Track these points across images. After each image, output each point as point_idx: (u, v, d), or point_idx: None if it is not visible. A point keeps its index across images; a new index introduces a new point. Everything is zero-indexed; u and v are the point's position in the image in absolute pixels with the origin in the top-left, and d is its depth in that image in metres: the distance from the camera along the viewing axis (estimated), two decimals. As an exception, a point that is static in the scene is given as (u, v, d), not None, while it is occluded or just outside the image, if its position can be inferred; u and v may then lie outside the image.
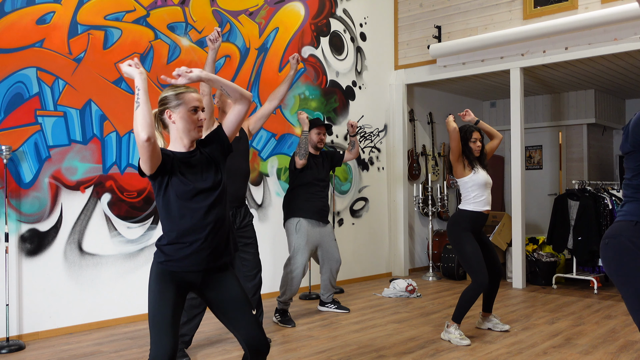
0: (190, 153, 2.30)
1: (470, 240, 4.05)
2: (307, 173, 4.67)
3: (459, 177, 4.19)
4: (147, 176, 2.20)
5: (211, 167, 2.30)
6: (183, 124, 2.27)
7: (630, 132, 2.11)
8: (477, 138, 4.18)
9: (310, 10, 6.24)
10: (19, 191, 4.11)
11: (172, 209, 2.22)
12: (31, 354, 3.81)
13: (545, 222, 7.81)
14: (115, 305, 4.61)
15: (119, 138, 4.66)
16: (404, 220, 7.15)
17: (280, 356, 3.69)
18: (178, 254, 2.22)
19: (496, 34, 6.17)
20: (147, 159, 2.10)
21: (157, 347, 2.14)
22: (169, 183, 2.21)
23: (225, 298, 2.28)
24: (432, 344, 4.00)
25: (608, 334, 4.23)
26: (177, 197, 2.21)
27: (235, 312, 2.27)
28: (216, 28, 3.51)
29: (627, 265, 2.12)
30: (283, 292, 4.57)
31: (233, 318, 2.28)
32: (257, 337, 2.28)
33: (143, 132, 2.04)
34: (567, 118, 8.50)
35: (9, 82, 4.09)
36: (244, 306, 2.29)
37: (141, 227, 4.77)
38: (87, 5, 4.48)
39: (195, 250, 2.22)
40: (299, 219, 4.64)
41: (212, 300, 2.30)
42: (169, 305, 2.18)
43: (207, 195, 2.25)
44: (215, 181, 2.28)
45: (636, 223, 2.11)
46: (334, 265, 4.83)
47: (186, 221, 2.21)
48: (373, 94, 7.02)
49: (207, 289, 2.29)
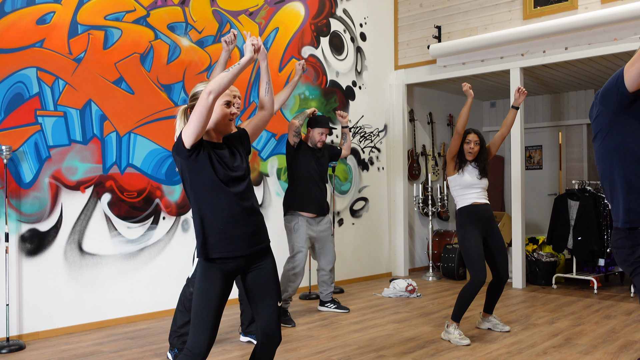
0: (219, 145, 2.40)
1: (473, 235, 4.04)
2: (307, 166, 4.69)
3: (449, 175, 4.24)
4: (186, 153, 2.24)
5: (239, 159, 2.42)
6: (216, 116, 2.35)
7: (603, 86, 2.08)
8: (471, 140, 4.17)
9: (310, 10, 6.24)
10: (19, 191, 4.11)
11: (207, 193, 2.29)
12: (31, 354, 3.81)
13: (545, 222, 7.81)
14: (115, 305, 4.61)
15: (119, 138, 4.66)
16: (404, 220, 7.15)
17: (280, 356, 3.69)
18: (223, 241, 2.30)
19: (496, 34, 6.17)
20: (200, 119, 2.16)
21: (198, 340, 2.26)
22: (201, 165, 2.27)
23: (259, 283, 2.40)
24: (432, 344, 4.00)
25: (608, 334, 4.23)
26: (213, 181, 2.28)
27: (264, 297, 2.40)
28: (233, 31, 3.53)
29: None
30: (284, 289, 4.58)
31: (259, 303, 2.39)
32: (274, 326, 2.40)
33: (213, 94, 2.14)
34: (567, 118, 8.50)
35: (9, 82, 4.09)
36: (273, 294, 2.41)
37: (141, 227, 4.77)
38: (87, 5, 4.48)
39: (240, 233, 2.32)
40: (297, 219, 4.66)
41: (248, 283, 2.42)
42: (214, 299, 2.27)
43: (240, 183, 2.36)
44: (245, 171, 2.40)
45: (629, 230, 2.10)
46: (329, 259, 4.85)
47: (222, 206, 2.29)
48: (373, 94, 7.03)
49: (250, 271, 2.40)
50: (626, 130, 2.05)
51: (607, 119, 2.09)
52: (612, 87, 2.03)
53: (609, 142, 2.10)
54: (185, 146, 2.23)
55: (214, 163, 2.29)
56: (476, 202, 4.14)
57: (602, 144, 2.12)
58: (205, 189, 2.29)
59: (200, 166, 2.27)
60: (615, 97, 2.02)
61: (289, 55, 5.99)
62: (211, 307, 2.27)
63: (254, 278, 2.40)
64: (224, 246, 2.30)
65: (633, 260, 2.10)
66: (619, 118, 2.05)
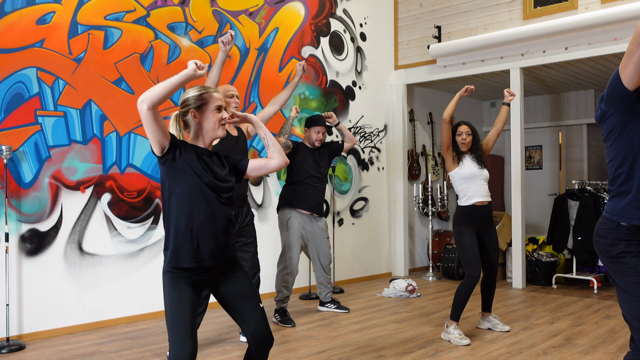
0: (209, 152, 2.39)
1: (469, 233, 4.10)
2: (305, 167, 4.68)
3: (448, 170, 4.26)
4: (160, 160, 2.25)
5: (225, 170, 2.42)
6: (207, 122, 2.35)
7: (606, 89, 2.10)
8: (463, 131, 4.20)
9: (310, 10, 6.24)
10: (19, 191, 4.11)
11: (185, 199, 2.27)
12: (31, 354, 3.81)
13: (545, 222, 7.81)
14: (115, 305, 4.61)
15: (119, 138, 4.66)
16: (404, 220, 7.15)
17: (280, 356, 3.69)
18: (191, 250, 2.27)
19: (496, 34, 6.17)
20: (149, 125, 2.16)
21: (180, 349, 2.21)
22: (180, 168, 2.26)
23: (236, 290, 2.39)
24: (432, 344, 4.00)
25: (608, 334, 4.23)
26: (195, 187, 2.27)
27: (244, 304, 2.38)
28: (230, 31, 3.52)
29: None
30: (278, 290, 4.57)
31: (242, 310, 2.39)
32: (264, 327, 2.40)
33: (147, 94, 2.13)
34: (567, 118, 8.50)
35: (9, 82, 4.09)
36: (252, 298, 2.41)
37: (141, 227, 4.77)
38: (87, 5, 4.48)
39: (208, 245, 2.29)
40: (290, 215, 4.64)
41: (223, 294, 2.40)
42: (187, 306, 2.25)
43: (220, 193, 2.34)
44: (229, 184, 2.39)
45: (617, 225, 2.11)
46: (325, 261, 4.80)
47: (199, 214, 2.27)
48: (373, 94, 7.03)
49: (219, 283, 2.38)
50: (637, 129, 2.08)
51: (617, 119, 2.11)
52: (613, 89, 2.05)
53: (622, 141, 2.11)
54: (156, 154, 2.24)
55: (198, 168, 2.28)
56: (478, 202, 4.15)
57: (615, 143, 2.14)
58: (184, 195, 2.27)
59: (181, 172, 2.26)
60: (619, 98, 2.04)
61: (289, 55, 5.99)
62: (186, 316, 2.23)
63: (229, 289, 2.38)
64: (195, 256, 2.27)
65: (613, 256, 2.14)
66: (629, 117, 2.07)
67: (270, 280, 5.55)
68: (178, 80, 2.16)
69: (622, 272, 2.11)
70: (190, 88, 2.42)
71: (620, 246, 2.11)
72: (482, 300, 4.37)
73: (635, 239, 2.09)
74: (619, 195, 2.13)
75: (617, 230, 2.11)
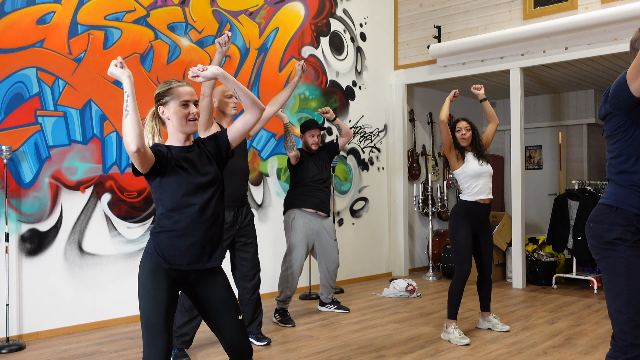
0: (187, 148, 2.30)
1: (464, 229, 4.12)
2: (308, 172, 4.68)
3: (453, 169, 4.28)
4: (142, 175, 2.20)
5: (210, 163, 2.31)
6: (175, 118, 2.27)
7: (611, 91, 2.13)
8: (462, 127, 4.24)
9: (310, 10, 6.24)
10: (19, 191, 4.11)
11: (169, 203, 2.21)
12: (31, 354, 3.81)
13: (545, 222, 7.81)
14: (115, 305, 4.61)
15: (119, 138, 4.66)
16: (404, 220, 7.15)
17: (280, 356, 3.70)
18: (173, 249, 2.20)
19: (496, 34, 6.17)
20: (139, 165, 2.12)
21: (152, 350, 2.13)
22: (165, 179, 2.21)
23: (215, 300, 2.27)
24: (432, 344, 4.00)
25: (608, 334, 4.22)
26: (174, 192, 2.20)
27: (222, 314, 2.27)
28: (227, 32, 3.51)
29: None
30: (281, 290, 4.57)
31: (219, 320, 2.28)
32: (241, 340, 2.28)
33: (132, 144, 2.02)
34: (567, 118, 8.50)
35: (9, 82, 4.09)
36: (231, 309, 2.28)
37: (141, 227, 4.77)
38: (87, 5, 4.48)
39: (191, 246, 2.21)
40: (294, 214, 4.65)
41: (201, 300, 2.29)
42: (162, 305, 2.17)
43: (205, 191, 2.25)
44: (214, 177, 2.28)
45: (616, 209, 2.13)
46: (331, 265, 4.79)
47: (184, 217, 2.20)
48: (373, 94, 7.03)
49: (198, 288, 2.28)
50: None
51: (621, 119, 2.14)
52: (620, 93, 2.09)
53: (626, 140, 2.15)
54: (142, 172, 2.16)
55: (176, 177, 2.20)
56: (480, 199, 4.17)
57: (619, 141, 2.16)
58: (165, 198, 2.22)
59: (162, 182, 2.20)
60: (625, 102, 2.09)
61: (289, 55, 5.99)
62: (160, 314, 2.14)
63: (206, 296, 2.27)
64: (172, 257, 2.20)
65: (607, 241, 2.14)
66: (634, 118, 2.11)
67: (271, 280, 5.56)
68: (133, 104, 2.08)
69: (612, 261, 2.11)
70: (164, 82, 2.34)
71: (616, 231, 2.11)
72: (480, 301, 4.38)
73: (634, 225, 2.09)
74: (619, 184, 2.16)
75: (616, 214, 2.12)
